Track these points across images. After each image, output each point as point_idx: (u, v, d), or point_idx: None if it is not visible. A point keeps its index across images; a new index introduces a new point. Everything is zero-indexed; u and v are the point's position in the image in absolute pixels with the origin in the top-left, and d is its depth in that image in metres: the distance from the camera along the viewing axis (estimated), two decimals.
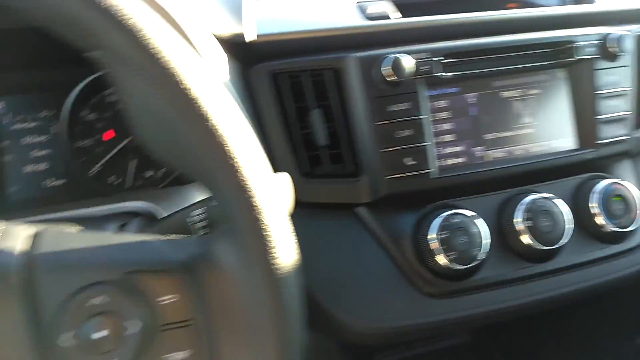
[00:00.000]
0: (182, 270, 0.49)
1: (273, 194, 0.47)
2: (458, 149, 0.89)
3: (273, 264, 0.47)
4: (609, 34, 0.91)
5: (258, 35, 0.80)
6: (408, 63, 0.80)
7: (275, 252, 0.47)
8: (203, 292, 0.49)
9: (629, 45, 0.90)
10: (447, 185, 0.87)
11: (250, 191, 0.46)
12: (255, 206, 0.46)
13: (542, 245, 0.85)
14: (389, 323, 0.85)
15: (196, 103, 0.44)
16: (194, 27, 0.75)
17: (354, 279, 0.85)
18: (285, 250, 0.48)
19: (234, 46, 0.80)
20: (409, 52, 0.82)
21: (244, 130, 0.47)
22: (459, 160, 0.89)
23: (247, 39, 0.79)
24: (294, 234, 0.50)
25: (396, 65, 0.80)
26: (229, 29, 0.79)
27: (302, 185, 0.85)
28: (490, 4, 0.95)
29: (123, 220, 0.82)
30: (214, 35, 0.80)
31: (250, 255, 0.47)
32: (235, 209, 0.47)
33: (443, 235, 0.82)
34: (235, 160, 0.45)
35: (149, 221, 0.81)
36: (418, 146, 0.85)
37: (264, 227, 0.46)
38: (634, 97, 0.95)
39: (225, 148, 0.45)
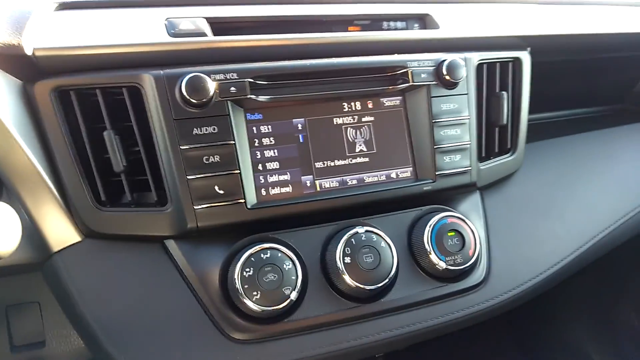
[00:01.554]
0: None
1: None
2: (282, 177, 0.82)
3: None
4: (443, 60, 0.87)
5: (40, 49, 0.71)
6: (207, 83, 0.73)
7: None
8: None
9: (462, 72, 0.86)
10: (267, 217, 0.79)
11: None
12: None
13: (364, 284, 0.78)
14: None
15: None
16: None
17: (150, 320, 0.76)
18: None
19: (10, 60, 0.71)
20: (211, 72, 0.74)
21: None
22: (283, 190, 0.81)
23: (27, 51, 0.71)
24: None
25: (192, 85, 0.72)
26: (2, 41, 0.71)
27: (96, 215, 0.76)
28: (332, 27, 0.90)
29: None
30: None
31: None
32: None
33: (247, 273, 0.74)
34: None
35: None
36: (230, 174, 0.77)
37: None
38: (475, 127, 0.91)
39: None
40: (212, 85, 0.74)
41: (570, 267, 0.98)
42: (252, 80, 0.77)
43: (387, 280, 0.79)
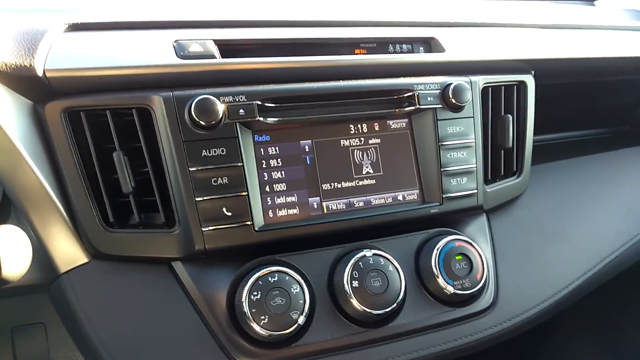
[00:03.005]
0: None
1: None
2: (289, 199, 0.82)
3: None
4: (449, 83, 0.87)
5: (51, 70, 0.72)
6: (216, 105, 0.74)
7: None
8: None
9: (467, 95, 0.87)
10: (275, 239, 0.79)
11: None
12: None
13: (371, 309, 0.77)
14: None
15: None
16: None
17: (156, 342, 0.75)
18: None
19: (22, 81, 0.72)
20: (220, 94, 0.75)
21: None
22: (290, 211, 0.81)
23: (38, 72, 0.72)
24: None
25: (201, 107, 0.73)
26: (14, 62, 0.71)
27: (103, 236, 0.76)
28: (339, 49, 0.91)
29: None
30: None
31: None
32: None
33: (254, 297, 0.73)
34: None
35: None
36: (238, 195, 0.77)
37: None
38: (481, 149, 0.91)
39: None
40: (221, 108, 0.74)
41: (579, 290, 0.97)
42: (260, 102, 0.77)
43: (395, 304, 0.78)
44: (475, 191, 0.90)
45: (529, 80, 1.00)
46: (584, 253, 1.01)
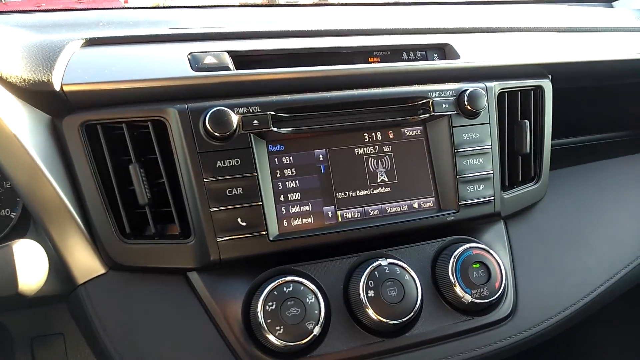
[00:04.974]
0: None
1: None
2: (304, 208, 0.81)
3: None
4: (465, 89, 0.86)
5: (68, 84, 0.73)
6: (230, 117, 0.74)
7: None
8: None
9: (483, 101, 0.86)
10: (289, 249, 0.79)
11: None
12: None
13: (388, 318, 0.76)
14: None
15: None
16: None
17: (172, 352, 0.75)
18: None
19: (40, 96, 0.73)
20: (235, 106, 0.75)
21: None
22: (305, 221, 0.81)
23: (56, 87, 0.73)
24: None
25: (215, 119, 0.73)
26: (32, 77, 0.73)
27: (120, 247, 0.76)
28: (352, 58, 0.91)
29: None
30: (10, 84, 0.72)
31: None
32: None
33: (269, 307, 0.73)
34: None
35: None
36: (253, 205, 0.77)
37: None
38: (498, 155, 0.90)
39: None
40: (235, 119, 0.74)
41: (602, 298, 0.95)
42: (274, 112, 0.78)
43: (411, 314, 0.77)
44: (492, 198, 0.88)
45: (546, 85, 0.99)
46: (606, 260, 0.99)
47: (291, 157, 0.81)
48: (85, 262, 0.76)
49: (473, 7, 1.30)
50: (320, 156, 0.83)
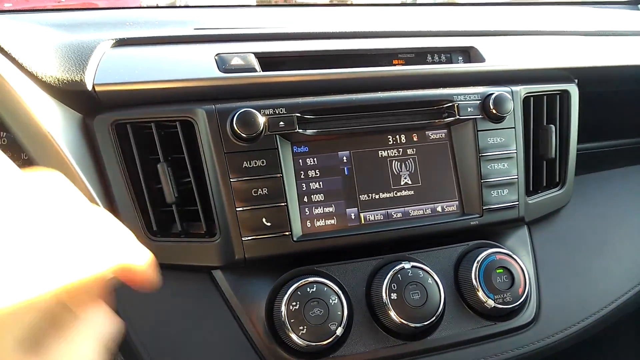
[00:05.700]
0: None
1: None
2: (327, 210, 0.82)
3: None
4: (491, 93, 0.86)
5: (100, 84, 0.75)
6: (257, 118, 0.75)
7: None
8: None
9: (509, 105, 0.85)
10: (313, 250, 0.79)
11: None
12: None
13: (410, 321, 0.76)
14: None
15: None
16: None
17: (196, 350, 0.76)
18: None
19: (72, 95, 0.75)
20: (261, 107, 0.76)
21: None
22: (328, 222, 0.82)
23: (88, 87, 0.74)
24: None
25: (242, 120, 0.74)
26: (66, 77, 0.74)
27: (147, 244, 0.77)
28: (377, 60, 0.91)
29: None
30: (45, 83, 0.74)
31: None
32: None
33: (293, 307, 0.74)
34: None
35: None
36: (277, 206, 0.78)
37: None
38: (523, 160, 0.89)
39: None
40: (261, 120, 0.75)
41: (627, 305, 0.94)
42: (299, 114, 0.78)
43: (434, 318, 0.77)
44: (517, 203, 0.88)
45: (573, 90, 0.98)
46: (631, 267, 0.97)
47: (315, 159, 0.82)
48: None
49: (497, 9, 1.29)
50: (344, 158, 0.83)
